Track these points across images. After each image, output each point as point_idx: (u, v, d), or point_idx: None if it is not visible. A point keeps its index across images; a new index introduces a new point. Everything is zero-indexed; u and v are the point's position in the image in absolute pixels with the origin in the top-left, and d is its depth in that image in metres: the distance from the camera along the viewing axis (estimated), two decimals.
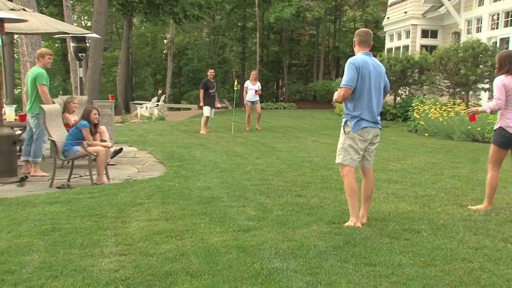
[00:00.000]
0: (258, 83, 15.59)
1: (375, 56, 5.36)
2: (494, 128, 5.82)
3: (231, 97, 32.79)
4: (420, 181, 7.43)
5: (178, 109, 30.81)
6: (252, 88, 15.32)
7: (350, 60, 4.93)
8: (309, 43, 39.99)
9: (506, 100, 5.60)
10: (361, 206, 5.19)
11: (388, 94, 19.03)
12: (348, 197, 5.08)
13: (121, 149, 9.40)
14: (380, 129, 5.15)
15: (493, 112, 5.70)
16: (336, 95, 5.06)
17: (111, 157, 8.90)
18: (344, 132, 5.02)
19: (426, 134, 13.98)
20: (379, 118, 5.12)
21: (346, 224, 5.01)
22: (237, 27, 37.65)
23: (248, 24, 37.08)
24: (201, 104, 14.57)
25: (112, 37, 44.09)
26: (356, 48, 5.12)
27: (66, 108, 8.96)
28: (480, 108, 5.93)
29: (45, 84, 7.98)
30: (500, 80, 5.62)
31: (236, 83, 16.95)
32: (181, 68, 37.00)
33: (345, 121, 5.01)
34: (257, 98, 15.43)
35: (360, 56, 4.99)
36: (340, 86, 4.93)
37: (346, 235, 4.64)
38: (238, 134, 14.03)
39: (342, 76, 5.19)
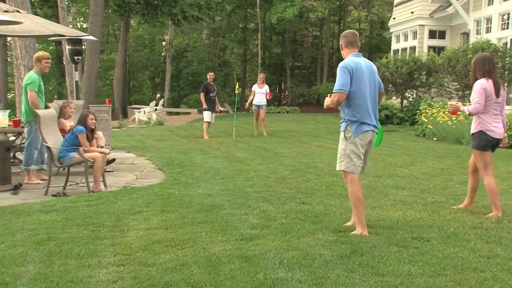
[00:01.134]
0: (266, 86, 15.60)
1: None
2: (472, 132, 5.91)
3: (232, 101, 32.81)
4: (429, 187, 7.42)
5: (178, 113, 30.83)
6: (259, 92, 15.33)
7: (341, 64, 4.97)
8: (312, 45, 40.07)
9: (486, 104, 5.72)
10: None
11: (395, 97, 19.19)
12: (353, 206, 5.10)
13: (113, 160, 9.36)
14: (377, 133, 5.20)
15: (471, 115, 5.84)
16: (328, 101, 5.08)
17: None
18: (345, 137, 5.02)
19: (435, 139, 13.97)
20: (377, 121, 5.16)
21: (353, 233, 5.01)
22: (238, 29, 37.73)
23: (249, 25, 37.16)
24: (204, 106, 14.53)
25: (109, 39, 44.19)
26: (344, 51, 5.15)
27: (61, 113, 8.97)
28: (461, 107, 5.99)
29: (35, 91, 8.00)
30: (481, 84, 5.75)
31: (237, 86, 16.97)
32: (180, 71, 37.04)
33: (345, 126, 5.02)
34: (264, 102, 15.44)
35: (351, 58, 5.03)
36: (334, 91, 4.95)
37: (353, 244, 4.63)
38: (239, 139, 14.03)
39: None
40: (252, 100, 15.54)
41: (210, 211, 5.92)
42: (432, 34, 21.29)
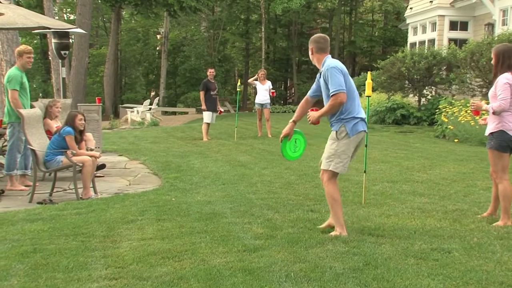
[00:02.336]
0: (269, 82, 15.58)
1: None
2: (491, 132, 5.87)
3: (233, 99, 32.89)
4: (450, 194, 7.42)
5: (174, 113, 30.90)
6: (262, 89, 15.31)
7: (330, 65, 5.25)
8: None
9: (509, 101, 5.70)
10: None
11: (412, 95, 19.18)
12: (330, 206, 5.42)
13: (103, 165, 9.34)
14: (366, 132, 5.52)
15: (496, 113, 5.78)
16: (325, 108, 5.25)
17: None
18: (337, 138, 5.30)
19: (456, 140, 13.96)
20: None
21: (331, 233, 5.26)
22: (240, 20, 37.78)
23: (252, 17, 37.20)
24: (204, 107, 14.51)
25: (99, 32, 44.30)
26: (315, 56, 5.47)
27: (47, 113, 8.99)
28: (484, 106, 5.96)
29: (17, 90, 8.02)
30: (507, 79, 5.71)
31: (239, 83, 16.99)
32: (177, 66, 37.14)
33: (339, 126, 5.29)
34: (268, 100, 15.43)
35: (332, 60, 5.36)
36: (333, 93, 5.15)
37: (366, 256, 4.64)
38: (241, 141, 14.05)
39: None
40: (252, 83, 15.74)
41: (210, 220, 5.93)
42: (453, 26, 21.27)
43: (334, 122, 5.35)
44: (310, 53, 5.53)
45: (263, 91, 15.29)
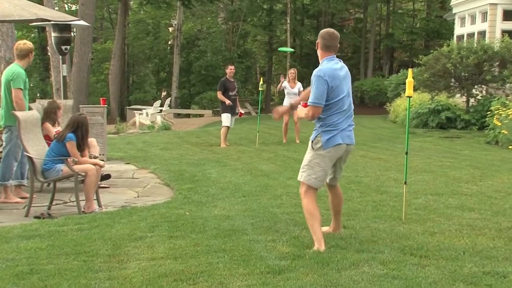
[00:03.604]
0: (299, 84, 15.43)
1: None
2: None
3: (255, 100, 32.91)
4: (505, 209, 7.33)
5: (188, 115, 31.06)
6: (291, 92, 15.14)
7: (317, 72, 5.54)
8: (354, 30, 40.00)
9: None
10: (332, 219, 6.09)
11: (459, 95, 19.02)
12: (306, 220, 5.69)
13: (108, 175, 9.34)
14: (353, 144, 5.84)
15: None
16: (302, 114, 5.72)
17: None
18: (313, 148, 5.64)
19: (511, 147, 13.80)
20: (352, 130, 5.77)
21: (310, 250, 5.41)
22: (262, 11, 37.87)
23: (276, 6, 37.27)
24: (228, 102, 14.21)
25: (104, 24, 44.73)
26: (319, 52, 5.74)
27: (49, 118, 8.99)
28: None
29: (21, 89, 8.07)
30: None
31: (261, 82, 17.00)
32: (191, 63, 37.31)
33: (315, 136, 5.63)
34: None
35: (327, 65, 5.61)
36: (309, 104, 5.56)
37: (408, 279, 4.60)
38: (264, 148, 14.05)
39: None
40: (281, 87, 15.69)
41: (229, 237, 5.93)
42: (507, 15, 21.04)
43: (314, 130, 5.70)
44: (316, 46, 5.80)
45: (293, 96, 14.83)
